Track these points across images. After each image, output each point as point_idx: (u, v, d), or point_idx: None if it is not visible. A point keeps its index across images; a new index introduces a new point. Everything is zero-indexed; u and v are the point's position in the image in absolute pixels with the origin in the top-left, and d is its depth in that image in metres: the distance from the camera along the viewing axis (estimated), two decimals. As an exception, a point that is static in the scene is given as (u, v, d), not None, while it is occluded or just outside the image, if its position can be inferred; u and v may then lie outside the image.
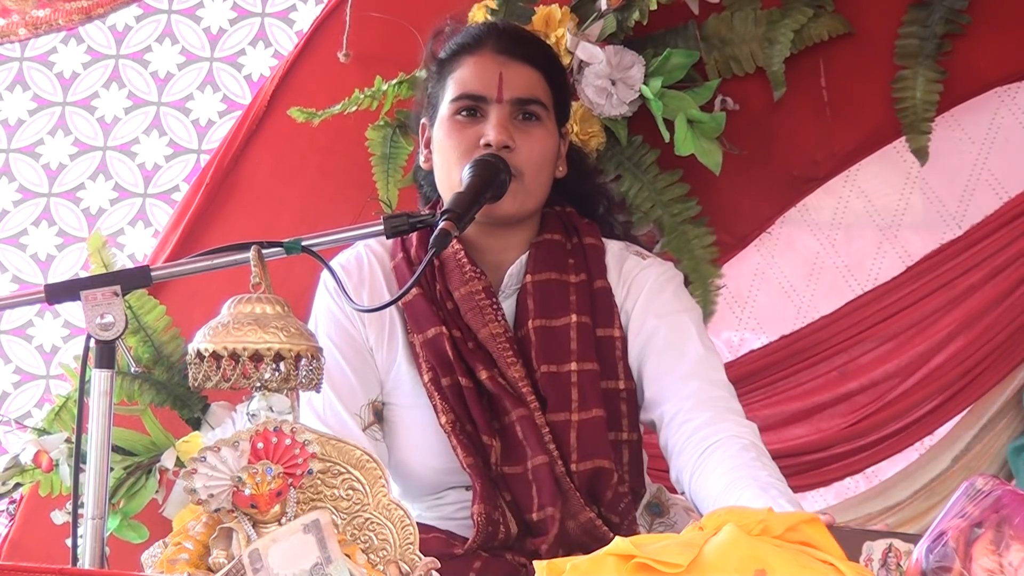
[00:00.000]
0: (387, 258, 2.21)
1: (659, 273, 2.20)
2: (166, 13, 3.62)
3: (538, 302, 2.14)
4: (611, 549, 1.42)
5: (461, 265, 2.13)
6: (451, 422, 2.08)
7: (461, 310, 2.13)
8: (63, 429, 2.59)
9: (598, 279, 2.18)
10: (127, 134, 3.59)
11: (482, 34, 2.20)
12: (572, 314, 2.13)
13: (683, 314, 2.16)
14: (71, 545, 1.71)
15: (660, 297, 2.17)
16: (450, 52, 2.21)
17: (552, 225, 2.21)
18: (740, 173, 2.66)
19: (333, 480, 1.50)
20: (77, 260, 3.55)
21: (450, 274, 2.14)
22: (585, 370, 2.11)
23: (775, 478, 1.90)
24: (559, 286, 2.15)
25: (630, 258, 2.22)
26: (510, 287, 2.18)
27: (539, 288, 2.15)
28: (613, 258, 2.21)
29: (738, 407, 2.08)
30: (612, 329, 2.15)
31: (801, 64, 2.65)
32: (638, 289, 2.18)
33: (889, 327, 2.76)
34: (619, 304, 2.18)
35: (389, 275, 2.20)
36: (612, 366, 2.14)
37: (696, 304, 2.29)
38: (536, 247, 2.18)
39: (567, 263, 2.18)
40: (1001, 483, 1.44)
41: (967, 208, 2.78)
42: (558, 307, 2.14)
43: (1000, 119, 2.75)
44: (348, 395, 2.13)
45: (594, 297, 2.17)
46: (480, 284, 2.12)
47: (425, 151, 2.23)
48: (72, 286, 1.70)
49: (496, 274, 2.17)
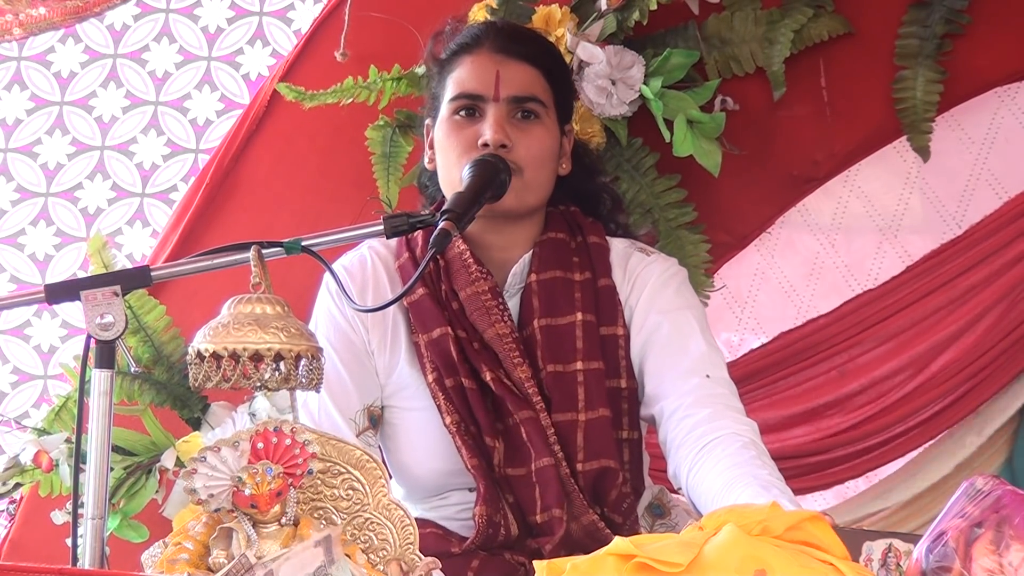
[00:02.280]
0: (391, 259, 2.21)
1: (663, 269, 2.20)
2: (164, 12, 3.62)
3: (543, 301, 2.13)
4: (611, 549, 1.42)
5: (467, 265, 2.13)
6: (455, 423, 2.08)
7: (467, 310, 2.12)
8: (63, 429, 2.58)
9: (602, 277, 2.18)
10: (125, 133, 3.59)
11: (480, 33, 2.20)
12: (577, 312, 2.13)
13: (686, 310, 2.16)
14: (71, 545, 1.71)
15: (663, 293, 2.17)
16: (449, 52, 2.21)
17: (556, 223, 2.20)
18: (740, 173, 2.66)
19: (333, 480, 1.50)
20: (75, 260, 3.55)
21: (455, 274, 2.14)
22: (591, 369, 2.11)
23: (775, 477, 1.90)
24: (564, 284, 2.15)
25: (634, 255, 2.22)
26: (514, 286, 2.17)
27: (544, 287, 2.14)
28: (617, 256, 2.21)
29: (739, 405, 2.07)
30: (616, 327, 2.15)
31: (801, 64, 2.64)
32: (642, 284, 2.18)
33: (889, 327, 2.76)
34: (623, 301, 2.18)
35: (394, 276, 2.19)
36: (615, 365, 2.14)
37: (699, 301, 2.29)
38: (540, 245, 2.17)
39: (572, 261, 2.18)
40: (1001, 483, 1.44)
41: (967, 208, 2.78)
42: (563, 305, 2.14)
43: (1000, 119, 2.75)
44: (343, 399, 2.13)
45: (598, 295, 2.16)
46: (486, 284, 2.12)
47: (429, 152, 2.23)
48: (72, 286, 1.70)
49: (500, 272, 2.17)
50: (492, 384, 2.09)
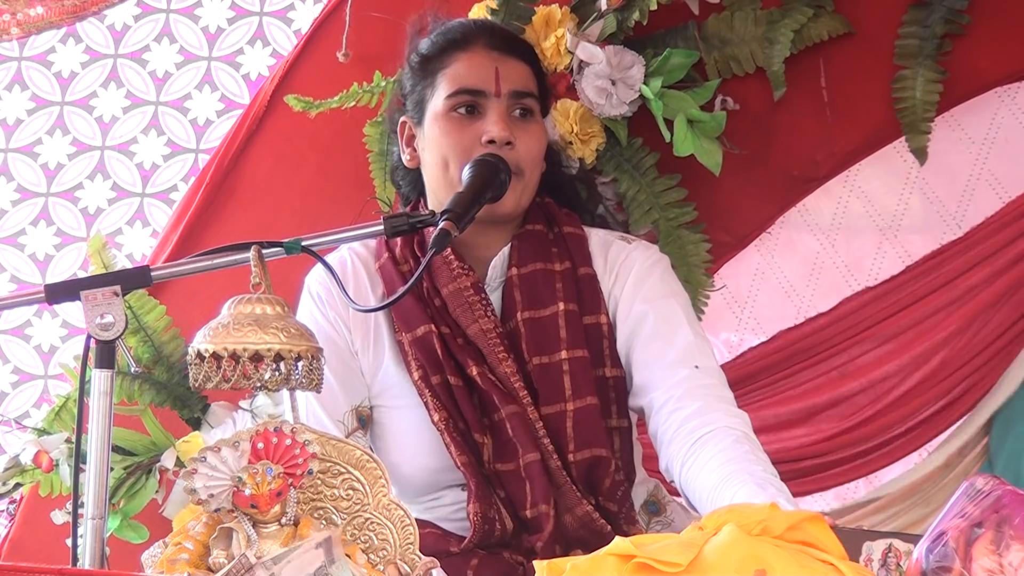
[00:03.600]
0: (371, 260, 2.20)
1: (646, 257, 2.19)
2: (164, 12, 3.62)
3: (525, 294, 2.13)
4: (611, 549, 1.42)
5: (448, 262, 2.12)
6: (444, 419, 2.08)
7: (449, 307, 2.12)
8: (63, 429, 2.58)
9: (582, 266, 2.17)
10: (125, 133, 3.59)
11: (471, 31, 2.20)
12: (559, 303, 2.13)
13: (671, 299, 2.15)
14: (71, 545, 1.71)
15: (647, 282, 2.16)
16: (437, 49, 2.20)
17: (533, 216, 2.20)
18: (740, 173, 2.65)
19: (333, 480, 1.50)
20: (75, 260, 3.55)
21: (437, 271, 2.13)
22: (576, 358, 2.10)
23: (770, 473, 1.89)
24: (544, 275, 2.15)
25: (615, 243, 2.22)
26: (495, 279, 2.17)
27: (525, 280, 2.14)
28: (597, 245, 2.21)
29: (729, 395, 2.06)
30: (599, 316, 2.14)
31: (801, 64, 2.64)
32: (625, 273, 2.17)
33: (889, 327, 2.75)
34: (606, 291, 2.17)
35: (374, 276, 2.19)
36: (600, 353, 2.13)
37: (683, 289, 2.27)
38: (519, 238, 2.17)
39: (551, 252, 2.17)
40: (1001, 483, 1.43)
41: (967, 208, 2.77)
42: (545, 297, 2.13)
43: (1000, 119, 2.75)
44: (330, 402, 2.13)
45: (579, 284, 2.16)
46: (468, 280, 2.12)
47: (408, 150, 2.22)
48: (72, 286, 1.70)
49: (481, 267, 2.17)
50: (478, 379, 2.09)
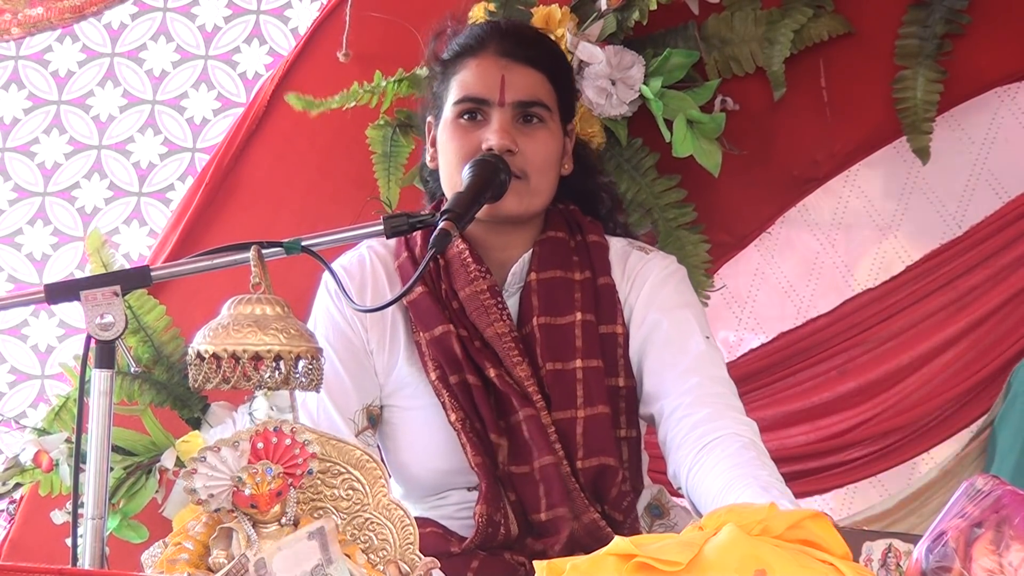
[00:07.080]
0: (391, 259, 2.21)
1: (662, 267, 2.20)
2: (161, 11, 3.62)
3: (543, 300, 2.13)
4: (611, 548, 1.42)
5: (466, 264, 2.13)
6: (460, 419, 2.08)
7: (466, 309, 2.13)
8: (63, 429, 2.58)
9: (602, 276, 2.18)
10: (122, 132, 3.58)
11: (484, 35, 2.19)
12: (577, 312, 2.13)
13: (686, 309, 2.16)
14: (71, 545, 1.71)
15: (663, 291, 2.17)
16: (453, 52, 2.21)
17: (556, 223, 2.20)
18: (740, 173, 2.66)
19: (333, 480, 1.50)
20: (73, 259, 3.55)
21: (455, 273, 2.14)
22: (590, 367, 2.11)
23: (775, 478, 1.90)
24: (564, 283, 2.15)
25: (633, 253, 2.22)
26: (514, 284, 2.17)
27: (544, 286, 2.14)
28: (617, 255, 2.21)
29: (738, 404, 2.07)
30: (615, 326, 2.15)
31: (801, 64, 2.65)
32: (641, 282, 2.18)
33: (889, 327, 2.75)
34: (623, 299, 2.18)
35: (393, 275, 2.19)
36: (614, 363, 2.14)
37: (698, 299, 2.29)
38: (540, 244, 2.17)
39: (571, 260, 2.18)
40: (1001, 483, 1.44)
41: (967, 208, 2.78)
42: (563, 305, 2.14)
43: (1000, 119, 2.75)
44: (342, 399, 2.13)
45: (598, 294, 2.16)
46: (485, 283, 2.12)
47: (431, 150, 2.23)
48: (72, 286, 1.70)
49: (500, 272, 2.17)
50: (496, 381, 2.09)
